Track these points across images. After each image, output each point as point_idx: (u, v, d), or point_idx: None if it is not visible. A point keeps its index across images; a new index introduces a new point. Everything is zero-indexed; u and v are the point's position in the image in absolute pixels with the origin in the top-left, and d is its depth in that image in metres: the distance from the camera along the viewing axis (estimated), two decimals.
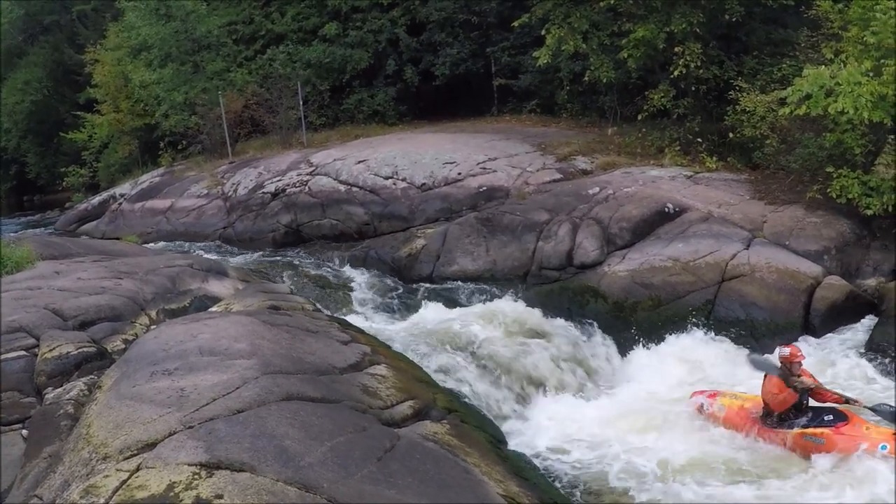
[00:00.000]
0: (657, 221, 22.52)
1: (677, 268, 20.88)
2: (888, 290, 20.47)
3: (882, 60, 21.51)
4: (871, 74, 21.29)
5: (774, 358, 15.56)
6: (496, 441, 14.37)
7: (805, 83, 21.79)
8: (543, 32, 28.93)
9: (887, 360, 18.34)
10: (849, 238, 21.61)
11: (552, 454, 15.24)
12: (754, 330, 19.60)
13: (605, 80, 28.70)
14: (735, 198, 23.54)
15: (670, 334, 19.59)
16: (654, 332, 19.74)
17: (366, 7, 37.74)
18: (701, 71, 26.69)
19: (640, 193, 23.50)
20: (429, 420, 12.72)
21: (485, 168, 26.94)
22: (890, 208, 21.01)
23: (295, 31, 39.21)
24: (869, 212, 21.11)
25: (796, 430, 14.63)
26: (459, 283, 22.93)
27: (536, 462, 14.76)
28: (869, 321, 20.02)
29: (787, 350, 15.16)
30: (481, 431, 14.04)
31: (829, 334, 19.60)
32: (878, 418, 14.85)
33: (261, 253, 27.65)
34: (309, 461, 9.93)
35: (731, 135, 25.54)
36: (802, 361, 15.16)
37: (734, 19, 26.99)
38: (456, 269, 23.41)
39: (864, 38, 21.90)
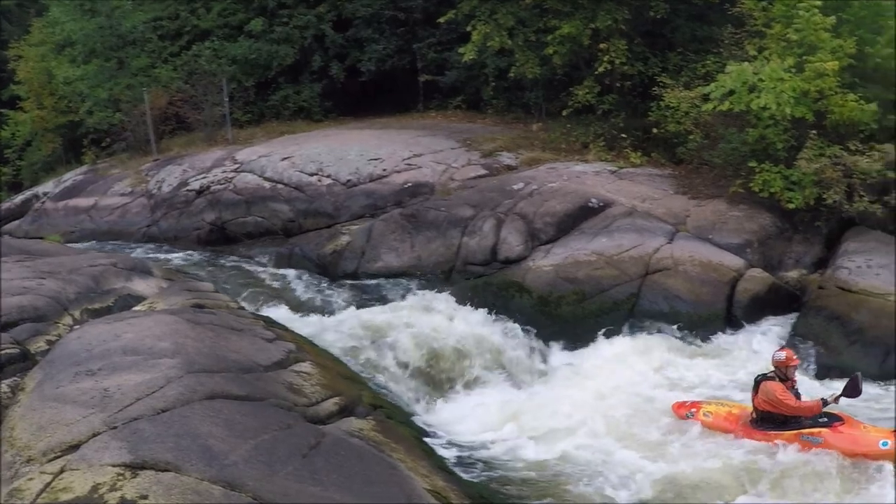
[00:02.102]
0: (581, 216, 22.57)
1: (601, 262, 20.99)
2: (810, 282, 20.81)
3: (804, 57, 21.82)
4: (793, 71, 21.64)
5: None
6: (422, 436, 14.50)
7: (728, 79, 22.10)
8: (469, 29, 29.00)
9: (810, 351, 18.67)
10: (771, 231, 21.92)
11: (478, 448, 15.25)
12: (678, 322, 19.79)
13: (530, 76, 28.79)
14: (659, 192, 23.74)
15: (595, 328, 19.68)
16: (579, 326, 19.87)
17: (292, 3, 37.49)
18: (626, 67, 26.87)
19: (565, 189, 23.58)
20: (354, 416, 12.75)
21: (410, 164, 26.92)
22: (811, 202, 21.33)
23: (221, 27, 38.86)
24: (791, 205, 21.43)
25: (792, 432, 14.54)
26: (384, 279, 22.82)
27: (462, 456, 14.76)
28: (792, 313, 20.27)
29: (783, 354, 15.08)
30: (407, 427, 14.16)
31: (752, 326, 19.86)
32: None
33: (186, 251, 27.39)
34: (233, 459, 9.90)
35: (655, 130, 25.72)
36: (798, 365, 15.24)
37: (659, 16, 27.21)
38: (381, 265, 23.28)
39: (787, 36, 22.27)
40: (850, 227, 21.76)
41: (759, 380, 14.95)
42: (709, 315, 19.92)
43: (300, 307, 21.11)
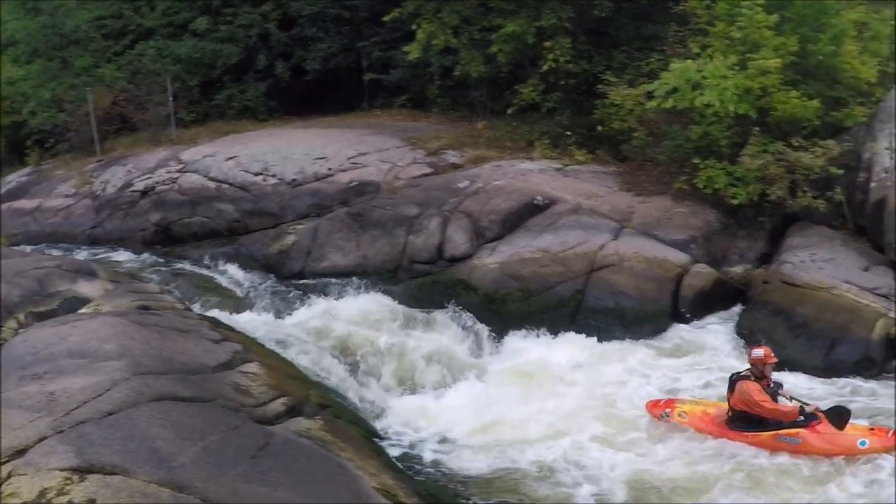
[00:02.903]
0: (527, 214, 22.65)
1: (547, 259, 21.08)
2: (754, 277, 21.08)
3: (747, 55, 22.05)
4: (736, 68, 21.91)
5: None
6: (370, 435, 14.54)
7: (672, 77, 22.29)
8: (414, 27, 29.00)
9: (750, 342, 18.66)
10: (715, 227, 22.14)
11: (428, 446, 15.31)
12: (623, 318, 19.94)
13: (475, 75, 28.80)
14: (604, 189, 23.83)
15: (541, 325, 19.76)
16: (526, 323, 19.87)
17: (236, 1, 37.23)
18: (570, 65, 26.94)
19: (510, 186, 23.62)
20: (302, 416, 12.79)
21: (355, 163, 26.79)
22: (755, 198, 21.57)
23: (165, 26, 38.51)
24: (735, 201, 21.67)
25: (769, 432, 14.54)
26: (331, 278, 22.70)
27: (412, 454, 14.84)
28: (737, 307, 20.59)
29: (760, 352, 15.08)
30: (355, 426, 14.17)
31: (698, 321, 20.12)
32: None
33: (131, 252, 27.11)
34: (181, 461, 9.93)
35: (599, 128, 25.84)
36: (774, 363, 15.19)
37: (603, 14, 27.34)
38: (327, 264, 23.23)
39: (731, 34, 22.53)
40: (793, 223, 22.10)
41: (735, 378, 14.95)
42: (654, 311, 20.09)
43: (247, 308, 21.00)
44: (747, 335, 19.28)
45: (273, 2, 36.93)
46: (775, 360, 15.13)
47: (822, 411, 14.65)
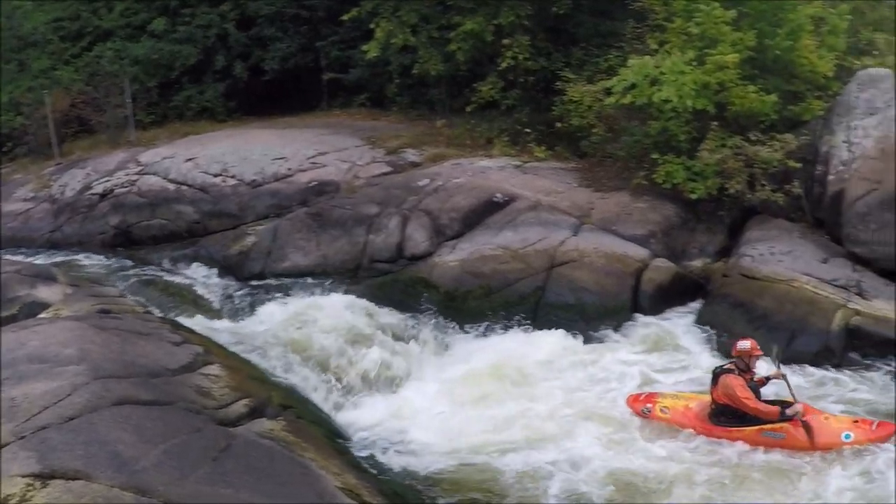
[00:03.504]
0: (486, 211, 22.67)
1: (507, 256, 21.12)
2: (714, 271, 21.29)
3: (705, 50, 22.15)
4: (694, 64, 21.97)
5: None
6: (333, 435, 14.50)
7: (630, 73, 22.39)
8: (373, 26, 28.98)
9: (714, 337, 19.12)
10: (675, 222, 22.25)
11: (389, 444, 15.26)
12: (584, 313, 19.99)
13: (434, 73, 28.82)
14: (563, 186, 23.86)
15: (502, 321, 19.86)
16: (487, 320, 19.95)
17: (194, 2, 37.02)
18: (529, 63, 27.01)
19: (470, 184, 23.64)
20: (264, 418, 12.70)
21: (315, 163, 26.71)
22: (714, 192, 21.70)
23: (123, 27, 38.23)
24: (694, 196, 21.76)
25: (754, 427, 14.51)
26: (291, 278, 22.68)
27: (374, 453, 14.76)
28: (697, 301, 20.75)
29: (747, 344, 15.03)
30: (318, 426, 14.13)
31: (658, 315, 20.21)
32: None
33: (91, 256, 26.93)
34: (143, 465, 9.87)
35: (558, 125, 25.84)
36: (760, 356, 15.19)
37: (562, 12, 27.37)
38: (287, 264, 23.19)
39: (688, 29, 22.60)
40: (752, 216, 22.29)
41: (718, 372, 14.96)
42: (615, 305, 20.16)
43: (207, 309, 20.93)
44: (709, 328, 19.39)
45: (231, 2, 36.77)
46: (761, 352, 15.11)
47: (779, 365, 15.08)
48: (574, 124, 25.12)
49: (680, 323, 19.92)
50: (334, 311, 19.84)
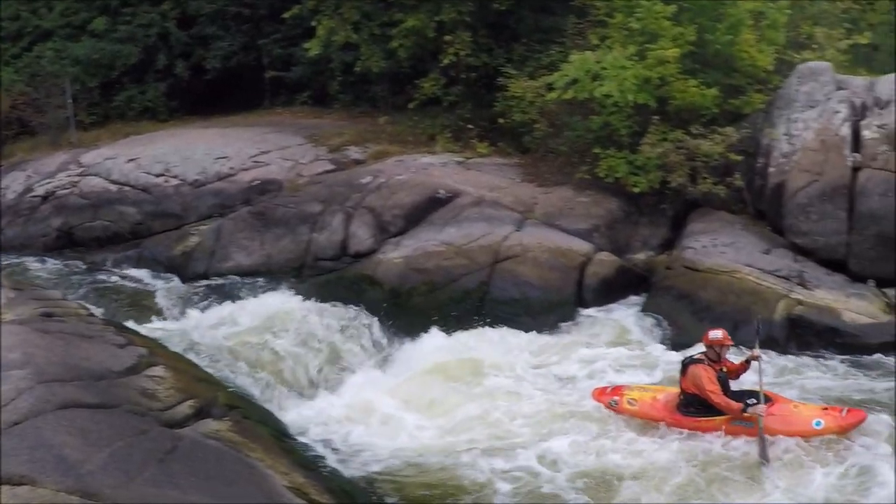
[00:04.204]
0: (430, 207, 22.66)
1: (451, 252, 21.11)
2: (657, 263, 21.53)
3: (646, 45, 22.28)
4: (635, 59, 22.11)
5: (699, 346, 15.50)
6: (280, 434, 14.32)
7: (571, 68, 22.49)
8: (314, 24, 28.87)
9: (660, 329, 19.38)
10: (617, 215, 22.42)
11: (337, 443, 15.22)
12: (529, 308, 20.05)
13: (376, 70, 28.75)
14: (506, 181, 23.92)
15: (447, 317, 19.80)
16: (431, 316, 19.85)
17: (135, 1, 36.82)
18: (471, 59, 27.00)
19: (413, 181, 23.61)
20: (210, 418, 12.56)
21: (257, 162, 26.57)
22: (656, 185, 21.87)
23: (63, 27, 37.81)
24: (636, 189, 21.92)
25: (724, 416, 14.46)
26: (236, 278, 22.55)
27: (322, 452, 14.69)
28: (641, 294, 20.95)
29: (719, 333, 14.97)
30: (265, 426, 13.97)
31: (603, 308, 20.36)
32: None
33: (33, 259, 26.64)
34: (89, 468, 9.76)
35: (501, 120, 25.89)
36: (731, 346, 15.21)
37: (504, 8, 27.36)
38: (231, 264, 23.05)
39: (629, 25, 22.72)
40: (694, 209, 22.50)
41: (687, 362, 14.90)
42: (559, 300, 20.26)
43: (151, 310, 20.76)
44: (655, 320, 19.62)
45: (172, 1, 36.50)
46: (732, 342, 15.17)
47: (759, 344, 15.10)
48: (516, 120, 25.21)
49: (626, 316, 20.05)
50: (279, 311, 19.78)
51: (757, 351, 15.00)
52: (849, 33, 27.67)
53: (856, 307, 19.06)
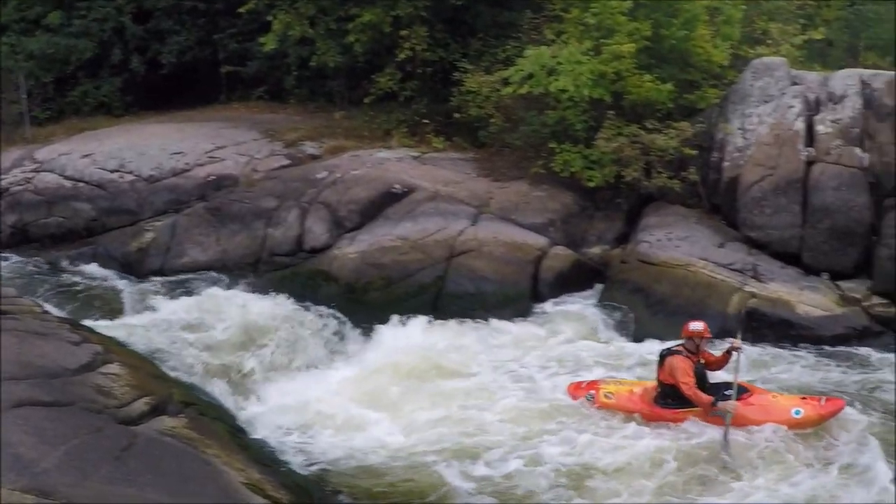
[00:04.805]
0: (385, 202, 22.67)
1: (406, 247, 21.19)
2: (612, 257, 21.67)
3: (601, 40, 22.38)
4: (590, 54, 22.18)
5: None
6: (236, 431, 14.35)
7: (527, 63, 22.57)
8: (270, 18, 28.73)
9: (613, 322, 19.57)
10: (573, 210, 22.56)
11: (293, 439, 15.17)
12: (484, 302, 20.18)
13: (332, 65, 28.62)
14: (462, 176, 23.97)
15: (403, 312, 19.80)
16: (387, 311, 19.86)
17: None
18: (427, 54, 26.98)
19: (368, 176, 23.59)
20: (166, 415, 12.54)
21: (213, 157, 26.40)
22: (611, 180, 22.00)
23: (17, 21, 37.45)
24: (591, 184, 22.05)
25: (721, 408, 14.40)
26: (191, 274, 22.41)
27: (279, 448, 14.67)
28: (597, 287, 21.06)
29: (700, 325, 15.06)
30: (220, 422, 13.99)
31: (558, 302, 20.50)
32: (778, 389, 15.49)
33: None
34: (44, 467, 9.74)
35: (456, 115, 25.93)
36: (709, 339, 15.26)
37: (460, 3, 27.36)
38: (187, 260, 22.93)
39: (585, 20, 22.78)
40: (649, 203, 22.69)
41: (665, 354, 15.00)
42: (515, 294, 20.43)
43: (106, 307, 20.60)
44: (611, 313, 19.78)
45: None
46: (710, 335, 15.26)
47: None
48: (472, 114, 25.19)
49: (581, 309, 20.17)
50: (235, 307, 19.71)
51: (738, 342, 15.10)
52: (803, 29, 27.96)
53: (809, 300, 19.35)
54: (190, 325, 18.75)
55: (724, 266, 20.03)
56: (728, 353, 15.16)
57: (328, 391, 16.87)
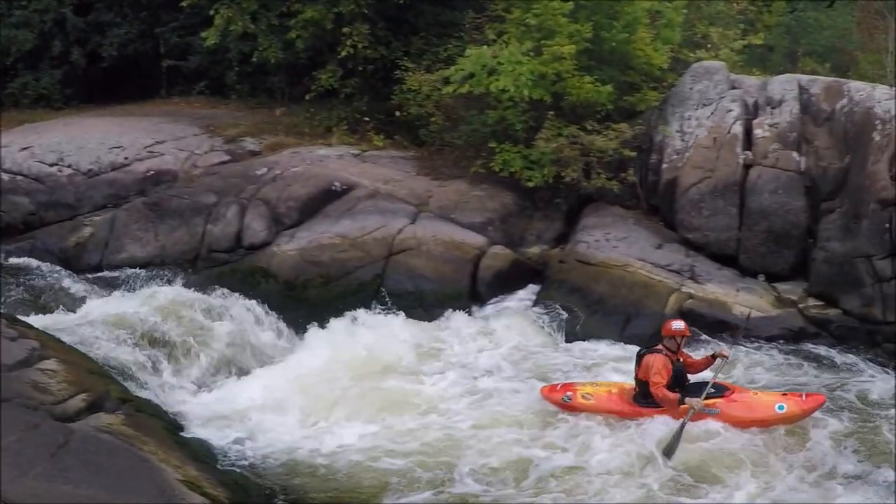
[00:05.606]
0: (325, 200, 22.63)
1: (346, 244, 21.20)
2: (551, 257, 21.84)
3: (542, 41, 22.42)
4: (531, 54, 22.24)
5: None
6: (174, 428, 14.32)
7: (468, 63, 22.63)
8: (212, 13, 28.60)
9: (551, 321, 19.66)
10: (512, 209, 22.70)
11: (231, 436, 15.17)
12: (423, 301, 20.33)
13: (273, 61, 28.51)
14: (402, 174, 24.00)
15: (342, 310, 19.83)
16: (326, 309, 19.94)
17: None
18: (368, 51, 26.91)
19: (308, 173, 23.53)
20: (103, 412, 12.57)
21: (152, 152, 26.18)
22: (551, 180, 22.07)
23: None
24: (531, 184, 22.14)
25: (687, 406, 14.47)
26: (130, 270, 22.12)
27: (215, 445, 14.64)
28: (535, 287, 21.21)
29: (681, 324, 15.18)
30: (158, 419, 13.97)
31: (497, 300, 20.76)
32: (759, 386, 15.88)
33: None
34: None
35: (397, 113, 25.91)
36: (688, 337, 15.38)
37: (402, 1, 27.30)
38: (125, 256, 22.75)
39: (526, 20, 22.84)
40: (588, 204, 22.93)
41: (643, 353, 15.04)
42: (453, 293, 20.57)
43: (43, 303, 20.38)
44: (550, 312, 19.86)
45: None
46: (690, 333, 15.47)
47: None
48: (413, 113, 25.24)
49: (519, 308, 20.41)
50: (173, 303, 19.51)
51: (727, 351, 15.35)
52: (744, 34, 28.23)
53: (745, 301, 19.70)
54: (127, 320, 18.42)
55: (662, 267, 20.32)
56: (712, 357, 15.31)
57: (266, 389, 16.80)
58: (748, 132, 21.95)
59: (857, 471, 13.63)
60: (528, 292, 21.01)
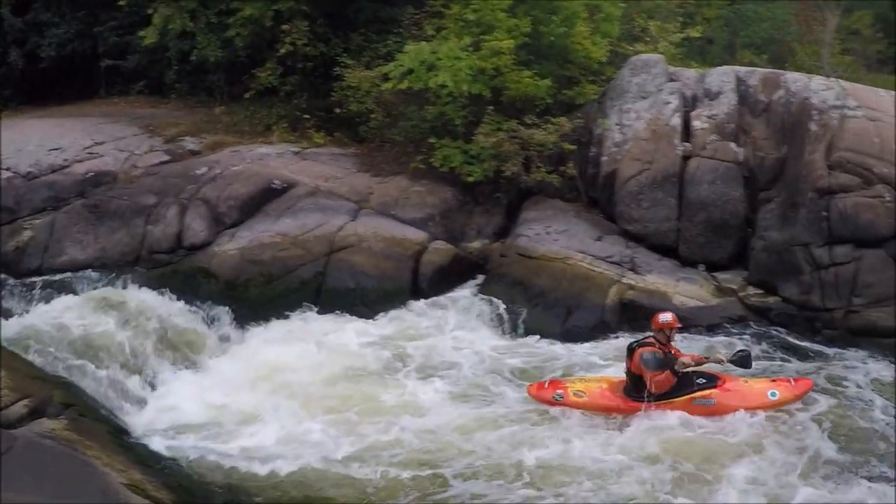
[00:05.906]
0: (265, 198, 22.59)
1: (286, 243, 21.19)
2: (492, 251, 21.94)
3: (481, 36, 22.50)
4: (470, 50, 22.32)
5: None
6: (117, 432, 14.27)
7: (407, 59, 22.67)
8: (151, 11, 28.44)
9: (492, 315, 19.80)
10: (453, 204, 22.77)
11: (176, 439, 15.13)
12: (365, 297, 20.36)
13: (212, 59, 28.38)
14: (342, 171, 23.97)
15: (284, 308, 19.93)
16: (268, 308, 20.01)
17: None
18: (308, 48, 26.80)
19: (248, 171, 23.45)
20: (46, 417, 12.48)
21: (92, 153, 25.98)
22: (491, 174, 22.16)
23: None
24: (471, 179, 22.24)
25: (683, 398, 14.75)
26: (71, 273, 22.01)
27: (160, 448, 14.56)
28: (477, 281, 21.31)
29: (668, 317, 15.31)
30: (101, 423, 13.93)
31: (439, 295, 20.70)
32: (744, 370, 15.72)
33: None
34: None
35: (337, 110, 25.73)
36: (678, 328, 15.47)
37: None
38: (66, 259, 22.52)
39: (465, 16, 22.92)
40: (528, 197, 23.00)
41: (634, 346, 15.14)
42: (395, 288, 20.62)
43: None
44: (493, 306, 19.94)
45: None
46: (679, 325, 15.53)
47: (730, 361, 15.33)
48: (353, 110, 25.19)
49: (461, 303, 20.36)
50: (114, 305, 19.43)
51: (726, 361, 15.37)
52: (683, 27, 28.44)
53: (685, 291, 19.90)
54: (68, 325, 18.33)
55: (602, 259, 20.47)
56: (707, 359, 15.42)
57: (209, 390, 16.86)
58: (686, 124, 22.11)
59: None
60: (470, 287, 21.04)
